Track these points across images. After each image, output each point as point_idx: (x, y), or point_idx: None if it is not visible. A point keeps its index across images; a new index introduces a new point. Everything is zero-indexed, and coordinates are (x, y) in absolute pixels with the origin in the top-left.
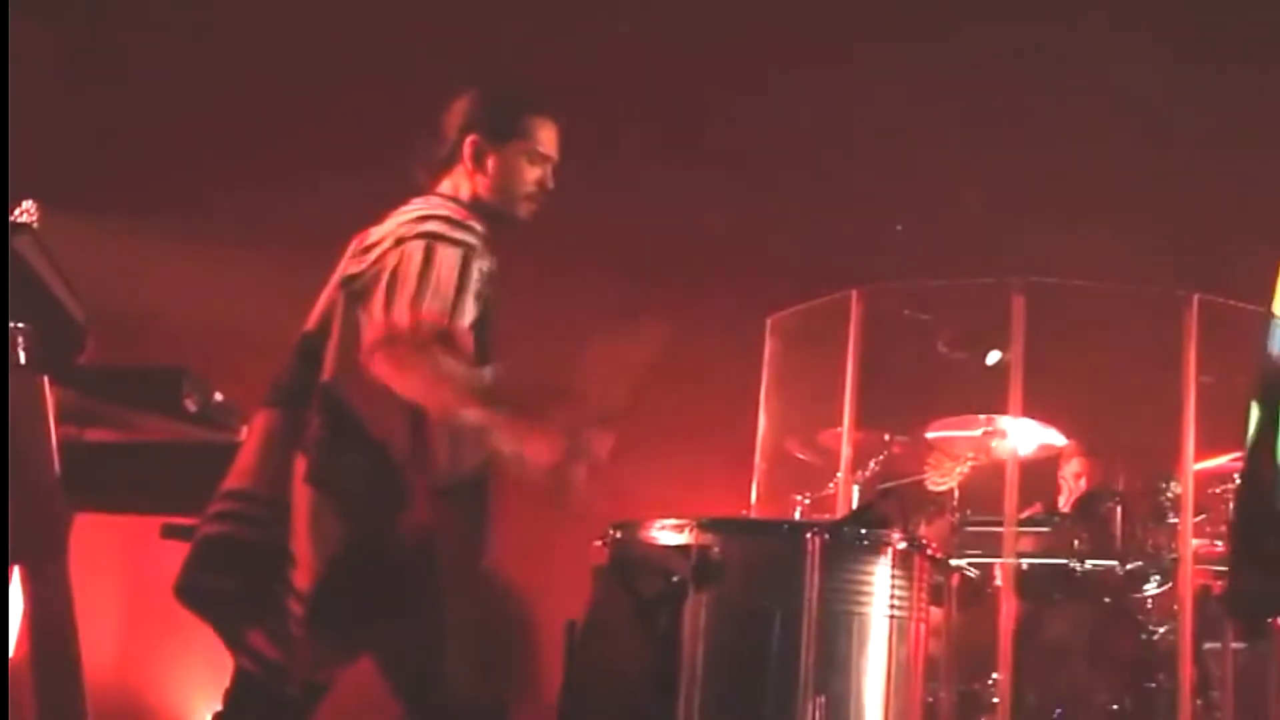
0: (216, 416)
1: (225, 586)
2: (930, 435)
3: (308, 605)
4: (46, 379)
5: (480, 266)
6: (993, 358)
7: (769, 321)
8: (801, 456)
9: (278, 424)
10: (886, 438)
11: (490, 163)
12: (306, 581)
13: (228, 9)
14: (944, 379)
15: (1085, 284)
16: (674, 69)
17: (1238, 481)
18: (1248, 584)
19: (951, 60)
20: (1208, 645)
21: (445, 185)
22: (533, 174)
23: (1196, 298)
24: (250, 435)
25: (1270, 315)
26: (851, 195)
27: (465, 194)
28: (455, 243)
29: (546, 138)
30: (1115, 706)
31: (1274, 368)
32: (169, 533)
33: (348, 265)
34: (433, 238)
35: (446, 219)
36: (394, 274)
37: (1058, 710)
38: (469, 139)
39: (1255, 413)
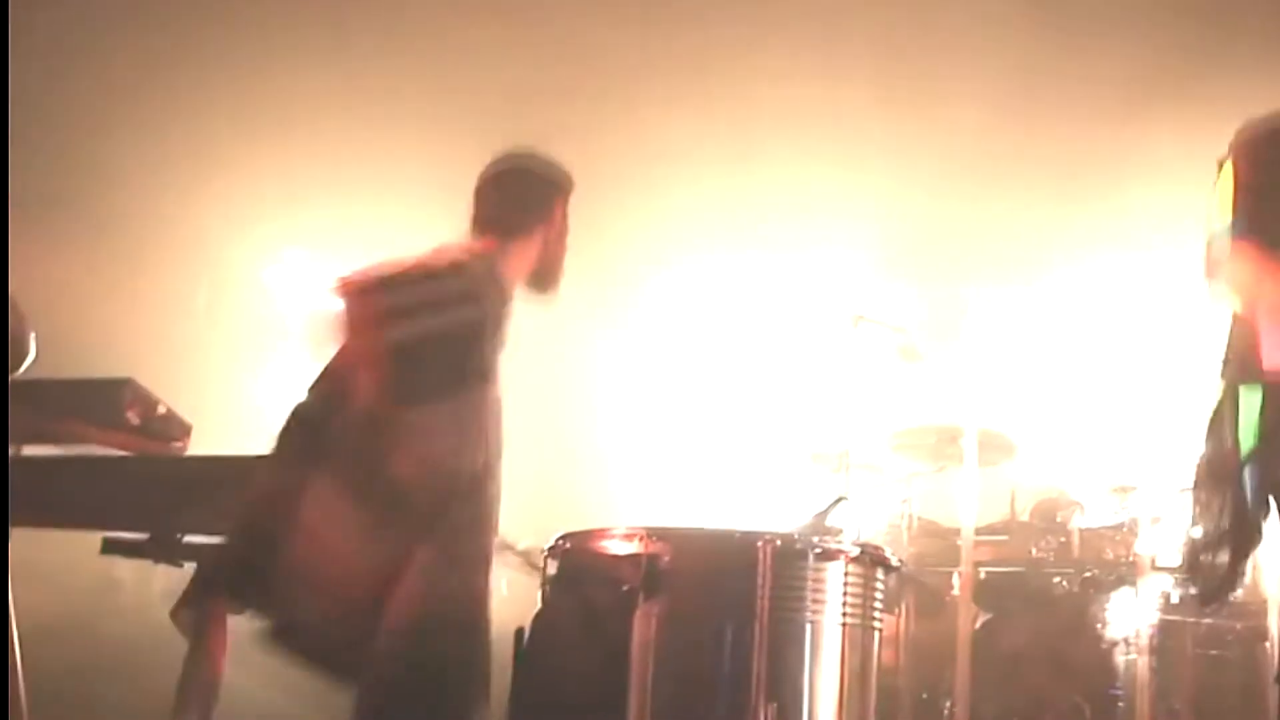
0: (160, 429)
1: None
2: (889, 443)
3: None
4: None
5: None
6: (949, 364)
7: None
8: None
9: None
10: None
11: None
12: None
13: (176, 25)
14: (901, 387)
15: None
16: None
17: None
18: (1209, 559)
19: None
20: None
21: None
22: None
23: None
24: None
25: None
26: None
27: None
28: None
29: None
30: (1075, 713)
31: (1231, 329)
32: (109, 548)
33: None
34: None
35: None
36: None
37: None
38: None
39: (1220, 384)
